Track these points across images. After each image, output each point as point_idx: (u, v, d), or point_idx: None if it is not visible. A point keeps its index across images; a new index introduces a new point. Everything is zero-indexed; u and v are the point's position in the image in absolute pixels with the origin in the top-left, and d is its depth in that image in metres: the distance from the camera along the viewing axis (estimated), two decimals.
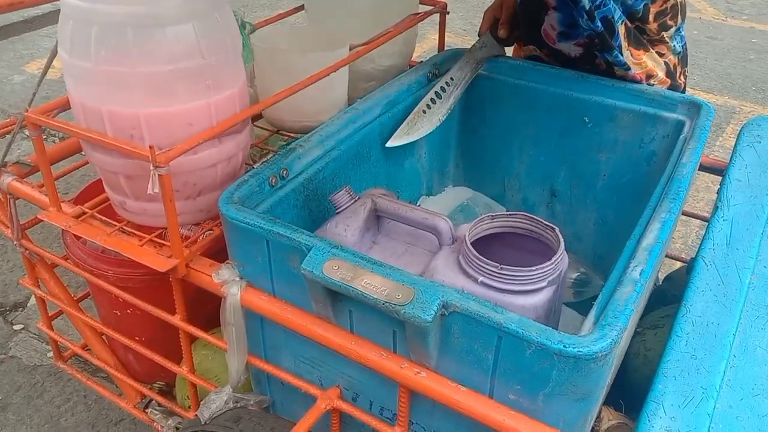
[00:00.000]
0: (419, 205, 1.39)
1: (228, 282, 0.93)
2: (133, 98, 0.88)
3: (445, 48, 1.48)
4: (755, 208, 1.04)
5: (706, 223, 1.07)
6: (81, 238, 1.16)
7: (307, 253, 0.82)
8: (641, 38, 1.31)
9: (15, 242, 1.24)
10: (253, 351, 1.01)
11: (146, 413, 1.33)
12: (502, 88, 1.39)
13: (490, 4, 1.41)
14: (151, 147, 0.83)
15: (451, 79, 1.28)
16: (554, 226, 0.92)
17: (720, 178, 1.26)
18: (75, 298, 1.38)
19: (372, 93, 1.23)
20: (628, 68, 1.26)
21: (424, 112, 1.21)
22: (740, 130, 1.20)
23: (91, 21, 0.86)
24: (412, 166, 1.37)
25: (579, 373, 0.71)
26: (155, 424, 1.31)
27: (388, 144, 1.16)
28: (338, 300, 0.85)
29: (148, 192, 0.84)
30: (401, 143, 1.17)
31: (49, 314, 1.40)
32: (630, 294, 0.77)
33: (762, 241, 1.00)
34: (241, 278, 0.94)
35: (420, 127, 1.19)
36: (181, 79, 0.89)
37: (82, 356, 1.40)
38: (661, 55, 1.33)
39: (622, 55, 1.25)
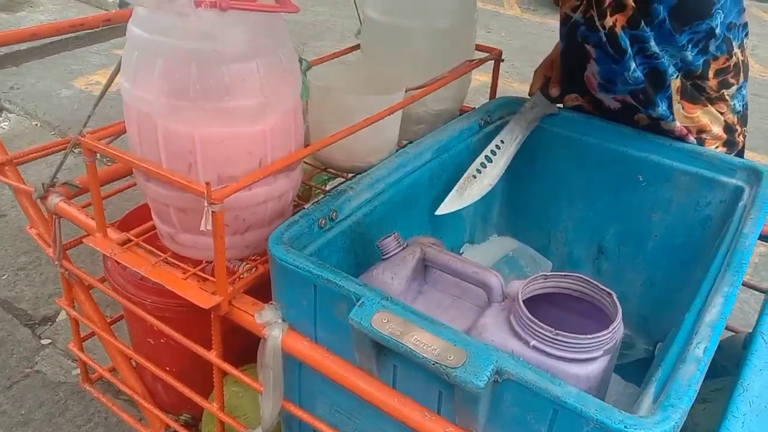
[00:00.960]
0: (462, 254, 1.36)
1: (270, 324, 0.91)
2: (192, 131, 0.87)
3: (497, 95, 1.47)
4: None
5: (755, 292, 1.02)
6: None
7: (356, 302, 0.80)
8: (698, 95, 1.28)
9: (56, 262, 1.24)
10: (288, 395, 0.98)
11: None
12: (554, 139, 1.37)
13: (541, 62, 1.40)
14: (207, 183, 0.82)
15: (502, 141, 1.26)
16: (611, 292, 0.88)
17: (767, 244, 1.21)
18: (108, 321, 1.37)
19: (423, 138, 1.21)
20: (673, 119, 1.23)
21: (474, 177, 1.19)
22: None
23: (156, 53, 0.86)
24: (458, 212, 1.34)
25: None
26: None
27: (438, 212, 1.14)
28: (384, 354, 0.82)
29: (201, 229, 0.83)
30: (452, 210, 1.15)
31: (81, 335, 1.39)
32: (693, 373, 0.73)
33: None
34: (284, 320, 0.92)
35: (470, 192, 1.17)
36: (242, 116, 0.88)
37: (109, 380, 1.39)
38: (720, 113, 1.30)
39: (671, 108, 1.22)
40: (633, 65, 1.18)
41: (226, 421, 1.11)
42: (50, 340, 2.00)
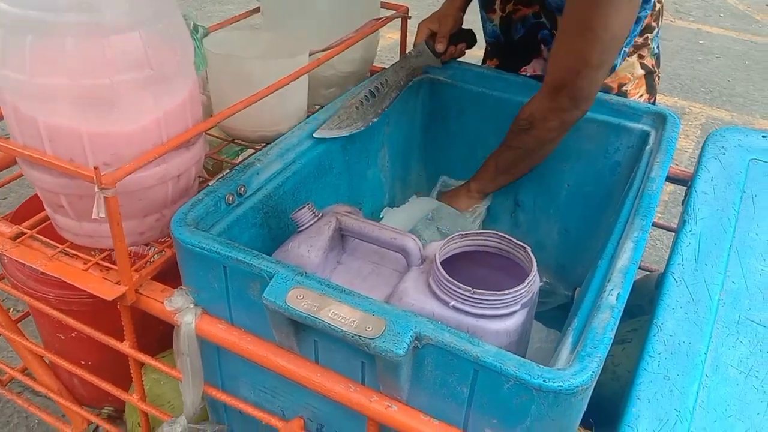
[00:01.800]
0: (382, 217, 1.34)
1: (182, 310, 0.87)
2: (74, 112, 0.80)
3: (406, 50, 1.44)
4: (722, 222, 1.03)
5: (662, 230, 1.06)
6: None
7: (269, 280, 0.77)
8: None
9: None
10: (210, 379, 0.95)
11: None
12: (466, 96, 1.36)
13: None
14: (96, 168, 0.76)
15: (386, 80, 1.24)
16: (526, 246, 0.89)
17: (683, 188, 1.26)
18: (14, 319, 1.28)
19: (333, 102, 1.17)
20: None
21: (357, 108, 1.16)
22: (704, 142, 1.19)
23: (25, 29, 0.78)
24: (375, 175, 1.32)
25: (559, 407, 0.68)
26: None
27: (316, 134, 1.08)
28: (302, 330, 0.80)
29: (93, 216, 0.77)
30: (331, 136, 1.10)
31: None
32: (608, 321, 0.74)
33: (730, 255, 0.99)
34: (196, 305, 0.88)
35: (351, 122, 1.13)
36: (128, 91, 0.82)
37: (23, 381, 1.31)
38: (641, 57, 1.33)
39: None
40: None
41: (148, 412, 1.07)
42: None
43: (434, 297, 0.85)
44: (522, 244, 0.89)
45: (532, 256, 0.88)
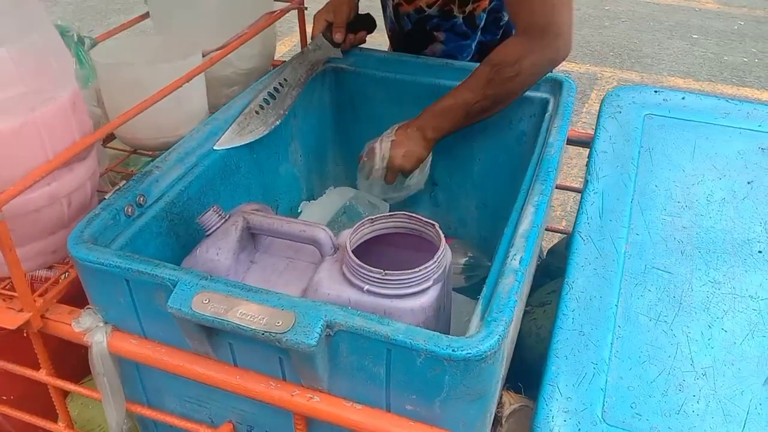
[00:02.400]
0: (300, 212, 1.34)
1: (91, 329, 0.84)
2: None
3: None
4: (623, 178, 1.07)
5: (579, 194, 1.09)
6: None
7: (173, 288, 0.75)
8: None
9: None
10: (132, 397, 0.92)
11: None
12: (370, 82, 1.36)
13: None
14: None
15: (285, 80, 1.23)
16: (434, 223, 0.90)
17: (587, 150, 1.30)
18: None
19: (233, 100, 1.16)
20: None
21: (257, 113, 1.15)
22: (601, 103, 1.23)
23: None
24: (289, 171, 1.31)
25: (471, 374, 0.69)
26: None
27: (217, 146, 1.07)
28: (215, 334, 0.78)
29: None
30: (232, 146, 1.09)
31: None
32: (512, 285, 0.76)
33: (632, 209, 1.03)
34: (106, 323, 0.85)
35: (253, 128, 1.12)
36: (2, 111, 0.78)
37: None
38: None
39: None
40: (479, 36, 1.39)
41: None
42: None
43: (349, 284, 0.85)
44: (430, 221, 0.90)
45: (440, 232, 0.89)
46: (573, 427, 0.78)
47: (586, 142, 1.32)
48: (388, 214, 0.93)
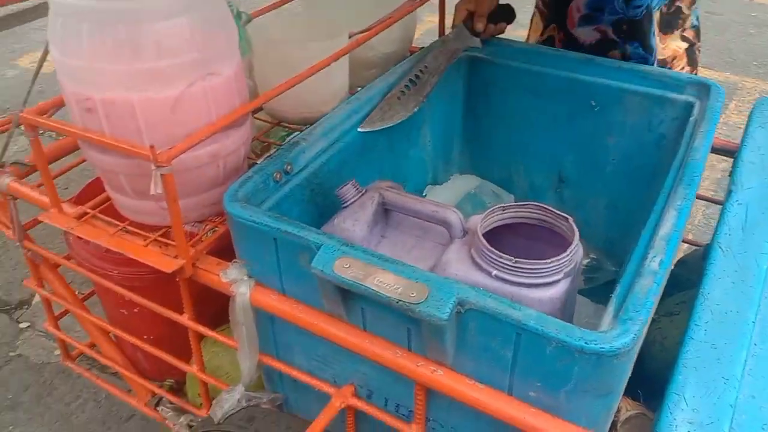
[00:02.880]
0: (425, 195, 1.37)
1: (236, 281, 0.91)
2: (128, 93, 0.85)
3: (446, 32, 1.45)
4: None
5: (712, 204, 1.05)
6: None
7: (317, 251, 0.80)
8: (675, 22, 1.29)
9: (17, 243, 1.22)
10: (264, 349, 0.99)
11: (157, 411, 1.31)
12: (506, 72, 1.36)
13: None
14: (151, 146, 0.80)
15: (426, 66, 1.25)
16: (568, 216, 0.90)
17: (730, 159, 1.24)
18: (80, 297, 1.36)
19: (374, 81, 1.20)
20: (646, 61, 1.24)
21: (399, 98, 1.18)
22: (751, 111, 1.17)
23: (81, 18, 0.83)
24: (417, 154, 1.34)
25: (601, 369, 0.69)
26: (167, 421, 1.30)
27: (360, 129, 1.11)
28: (350, 298, 0.83)
29: (151, 193, 0.82)
30: (374, 129, 1.12)
31: (55, 314, 1.38)
32: (650, 286, 0.75)
33: None
34: (250, 277, 0.92)
35: (394, 113, 1.15)
36: (178, 75, 0.86)
37: (90, 355, 1.39)
38: (683, 30, 1.32)
39: (652, 42, 1.23)
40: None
41: (208, 382, 1.12)
42: (29, 323, 1.99)
43: (477, 267, 0.87)
44: (564, 214, 0.90)
45: (575, 227, 0.89)
46: None
47: (730, 152, 1.26)
48: (520, 203, 0.94)
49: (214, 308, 1.09)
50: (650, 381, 0.96)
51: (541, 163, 1.40)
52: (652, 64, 1.30)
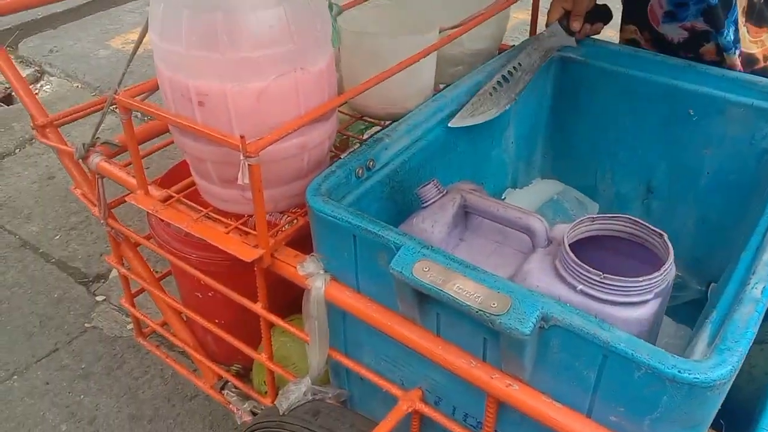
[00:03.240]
0: (504, 199, 1.33)
1: (313, 275, 0.91)
2: (223, 84, 0.86)
3: (537, 30, 1.40)
4: None
5: None
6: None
7: (396, 251, 0.79)
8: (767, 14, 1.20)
9: (102, 221, 1.27)
10: (334, 344, 0.99)
11: (222, 394, 1.34)
12: (599, 74, 1.31)
13: None
14: (242, 137, 0.81)
15: (519, 64, 1.21)
16: (662, 233, 0.85)
17: None
18: (157, 277, 1.40)
19: (461, 79, 1.17)
20: (737, 48, 1.16)
21: (491, 94, 1.14)
22: None
23: (181, 4, 0.84)
24: (499, 156, 1.31)
25: (693, 400, 0.65)
26: (231, 405, 1.32)
27: (451, 124, 1.09)
28: (426, 302, 0.81)
29: (239, 182, 0.82)
30: (465, 124, 1.09)
31: (132, 291, 1.43)
32: (751, 315, 0.70)
33: None
34: (326, 272, 0.91)
35: (486, 109, 1.12)
36: (272, 64, 0.86)
37: (162, 334, 1.43)
38: None
39: (737, 31, 1.14)
40: None
41: (275, 371, 1.13)
42: (104, 297, 2.07)
43: (561, 280, 0.84)
44: (658, 230, 0.85)
45: (669, 244, 0.84)
46: None
47: None
48: (610, 215, 0.90)
49: (288, 298, 1.09)
50: (734, 411, 0.90)
51: (630, 171, 1.34)
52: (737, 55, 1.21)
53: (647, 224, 0.86)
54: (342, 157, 0.96)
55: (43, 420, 1.70)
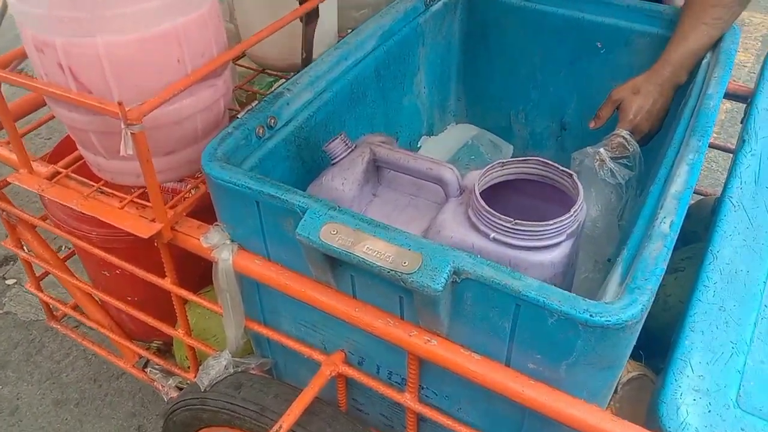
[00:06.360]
0: (420, 147, 1.30)
1: (218, 246, 0.86)
2: (94, 45, 0.77)
3: None
4: None
5: (718, 152, 0.98)
6: None
7: (302, 215, 0.75)
8: None
9: None
10: (251, 314, 0.95)
11: (146, 372, 1.29)
12: (506, 11, 1.27)
13: None
14: (120, 103, 0.73)
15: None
16: (572, 172, 0.84)
17: (742, 105, 1.17)
18: (61, 258, 1.31)
19: (365, 24, 1.11)
20: None
21: None
22: (766, 56, 1.09)
23: None
24: (411, 103, 1.27)
25: (606, 342, 0.64)
26: (155, 383, 1.27)
27: None
28: (338, 265, 0.78)
29: (121, 154, 0.75)
30: None
31: (37, 275, 1.33)
32: (660, 251, 0.70)
33: None
34: (232, 241, 0.86)
35: None
36: (147, 20, 0.78)
37: (75, 317, 1.35)
38: None
39: None
40: None
41: (194, 347, 1.09)
42: (15, 280, 1.95)
43: (474, 229, 0.82)
44: (568, 170, 0.84)
45: (579, 183, 0.83)
46: (703, 408, 0.73)
47: (743, 97, 1.19)
48: (520, 158, 0.88)
49: (202, 268, 1.04)
50: (652, 340, 0.92)
51: (542, 109, 1.33)
52: None
53: (556, 165, 0.85)
54: (239, 116, 0.89)
55: None
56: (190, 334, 1.08)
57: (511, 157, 1.34)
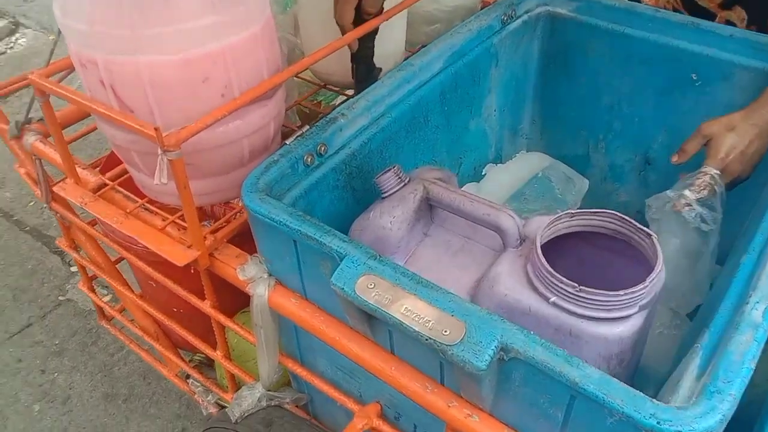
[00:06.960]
0: (485, 175, 1.21)
1: (254, 280, 0.81)
2: (136, 68, 0.73)
3: None
4: None
5: None
6: None
7: (339, 261, 0.68)
8: None
9: (45, 204, 1.16)
10: (287, 348, 0.90)
11: (188, 384, 1.26)
12: (591, 33, 1.16)
13: None
14: (156, 128, 0.69)
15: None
16: (651, 233, 0.73)
17: None
18: (113, 260, 1.30)
19: (433, 43, 1.03)
20: None
21: None
22: None
23: None
24: (479, 126, 1.18)
25: None
26: (196, 396, 1.25)
27: None
28: (376, 318, 0.71)
29: (155, 182, 0.71)
30: None
31: (89, 275, 1.33)
32: (749, 345, 0.59)
33: None
34: (270, 275, 0.81)
35: None
36: (191, 40, 0.73)
37: (122, 321, 1.34)
38: None
39: None
40: None
41: (230, 371, 1.04)
42: None
43: (532, 288, 0.73)
44: (646, 230, 0.74)
45: (658, 246, 0.72)
46: None
47: None
48: (591, 210, 0.78)
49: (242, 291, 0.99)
50: (732, 418, 0.80)
51: (626, 141, 1.21)
52: None
53: (633, 222, 0.75)
54: (288, 142, 0.83)
55: (16, 400, 1.64)
56: (229, 357, 1.04)
57: (587, 192, 1.23)
